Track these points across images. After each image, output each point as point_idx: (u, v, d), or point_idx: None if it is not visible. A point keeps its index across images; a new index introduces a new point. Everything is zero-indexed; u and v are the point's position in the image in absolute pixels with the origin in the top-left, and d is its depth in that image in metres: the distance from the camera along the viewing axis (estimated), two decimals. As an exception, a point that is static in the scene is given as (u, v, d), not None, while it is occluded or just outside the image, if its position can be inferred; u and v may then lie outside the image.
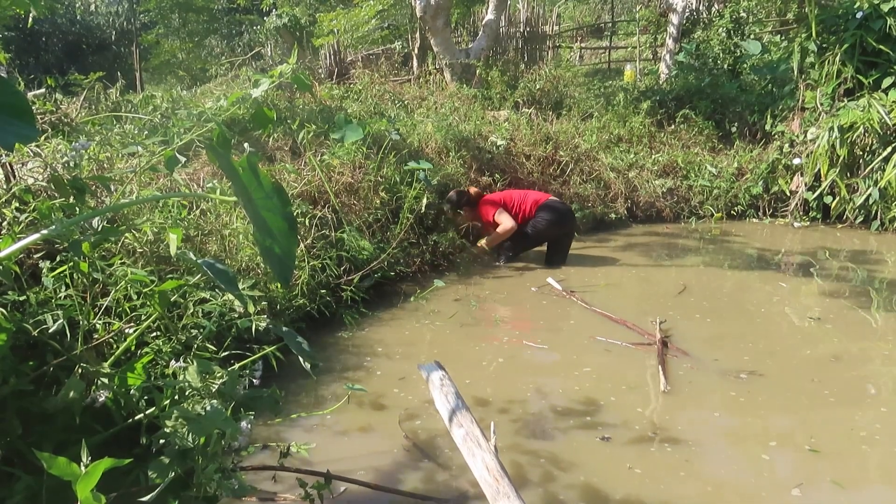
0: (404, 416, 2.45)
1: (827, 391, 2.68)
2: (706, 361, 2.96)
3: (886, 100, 5.92)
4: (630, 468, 2.10)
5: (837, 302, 3.87)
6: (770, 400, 2.60)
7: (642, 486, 2.01)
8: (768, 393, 2.66)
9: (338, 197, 4.07)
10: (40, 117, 3.51)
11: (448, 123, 5.91)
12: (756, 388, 2.70)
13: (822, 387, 2.72)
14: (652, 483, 2.03)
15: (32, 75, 10.58)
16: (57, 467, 1.10)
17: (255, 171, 1.21)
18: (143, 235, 2.50)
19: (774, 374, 2.83)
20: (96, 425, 1.68)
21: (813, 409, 2.56)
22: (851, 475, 2.08)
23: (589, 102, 7.90)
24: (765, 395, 2.64)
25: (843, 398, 2.63)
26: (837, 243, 5.59)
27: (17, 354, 1.66)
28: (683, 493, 1.99)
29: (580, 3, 18.88)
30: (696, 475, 2.08)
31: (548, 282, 4.19)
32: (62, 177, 1.77)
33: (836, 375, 2.84)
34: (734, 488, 2.02)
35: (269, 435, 2.28)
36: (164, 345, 2.08)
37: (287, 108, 5.32)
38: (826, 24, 6.56)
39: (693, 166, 6.86)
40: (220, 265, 1.49)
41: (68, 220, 1.33)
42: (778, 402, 2.60)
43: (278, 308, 3.04)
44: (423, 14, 8.15)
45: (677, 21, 9.86)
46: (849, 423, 2.41)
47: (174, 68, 18.64)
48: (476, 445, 1.35)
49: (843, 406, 2.57)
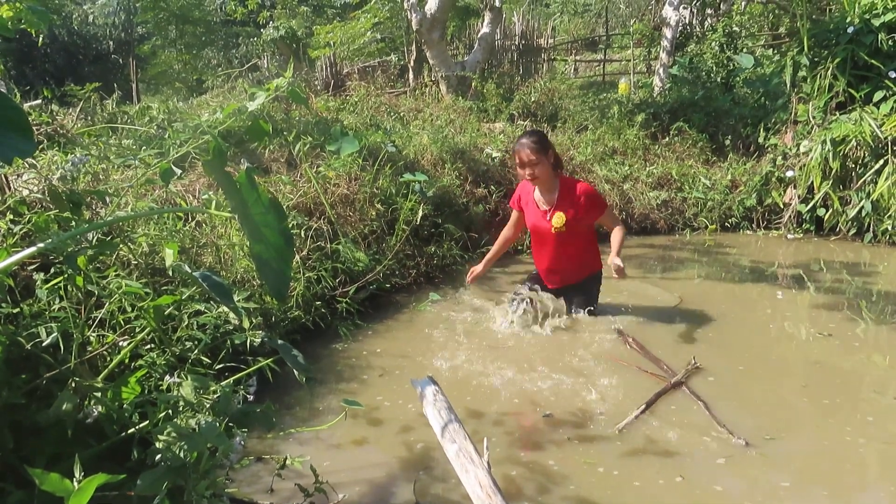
0: (401, 429, 2.44)
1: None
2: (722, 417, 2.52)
3: (878, 113, 5.98)
4: (626, 483, 2.10)
5: (840, 314, 3.88)
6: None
7: (638, 501, 2.00)
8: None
9: (334, 208, 4.08)
10: (36, 128, 3.51)
11: (444, 135, 5.94)
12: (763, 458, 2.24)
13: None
14: (650, 499, 2.02)
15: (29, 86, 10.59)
16: (49, 483, 1.09)
17: (253, 185, 1.22)
18: (138, 248, 2.50)
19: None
20: (89, 439, 1.67)
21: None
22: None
23: (584, 115, 7.96)
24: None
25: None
26: (831, 255, 5.61)
27: (10, 367, 1.65)
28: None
29: (575, 16, 19.05)
30: (690, 488, 2.07)
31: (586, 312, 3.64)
32: (58, 189, 1.77)
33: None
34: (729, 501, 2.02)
35: (263, 448, 2.26)
36: (159, 358, 2.08)
37: (283, 119, 5.34)
38: (818, 39, 6.64)
39: (687, 178, 6.90)
40: (215, 277, 1.49)
41: (64, 234, 1.33)
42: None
43: (273, 320, 3.03)
44: (419, 27, 8.21)
45: (671, 35, 9.96)
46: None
47: (171, 79, 18.69)
48: (469, 461, 1.34)
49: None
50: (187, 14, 17.63)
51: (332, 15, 15.79)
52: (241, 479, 2.05)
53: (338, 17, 14.92)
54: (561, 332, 3.52)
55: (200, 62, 18.68)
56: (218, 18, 18.71)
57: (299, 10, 15.04)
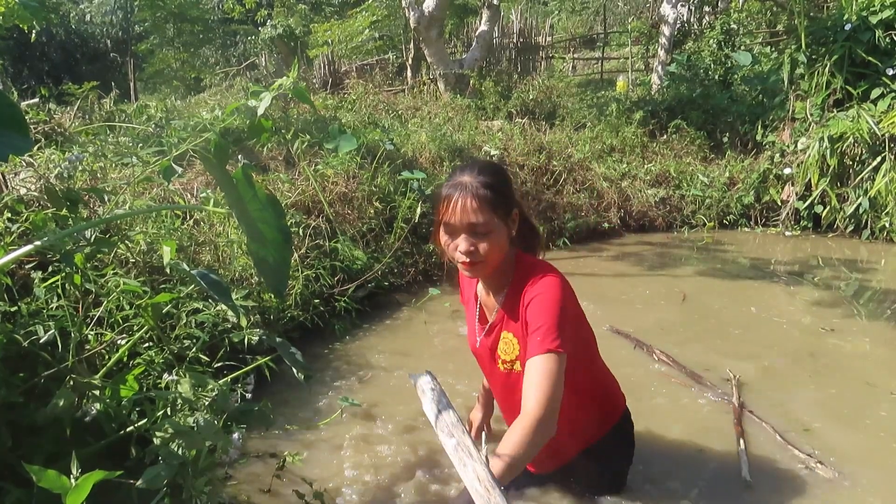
0: (400, 428, 2.44)
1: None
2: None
3: (875, 110, 5.99)
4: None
5: (846, 310, 3.89)
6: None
7: (636, 498, 2.01)
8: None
9: (332, 207, 4.08)
10: (33, 127, 3.50)
11: (442, 133, 5.94)
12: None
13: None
14: (647, 496, 2.02)
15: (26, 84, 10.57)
16: (47, 480, 1.09)
17: (251, 182, 1.22)
18: (136, 246, 2.50)
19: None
20: (87, 437, 1.67)
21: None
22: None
23: (582, 113, 7.95)
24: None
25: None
26: (829, 252, 5.62)
27: (8, 366, 1.65)
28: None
29: (573, 14, 19.04)
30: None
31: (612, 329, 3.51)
32: (55, 187, 1.77)
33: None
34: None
35: (263, 447, 2.26)
36: (157, 356, 2.07)
37: (281, 117, 5.33)
38: (815, 36, 6.64)
39: (685, 176, 6.90)
40: (213, 275, 1.49)
41: (61, 232, 1.33)
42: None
43: (272, 318, 3.03)
44: (417, 25, 8.20)
45: (669, 32, 9.96)
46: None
47: (168, 78, 18.65)
48: (467, 455, 1.34)
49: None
50: (185, 12, 17.60)
51: (330, 13, 15.77)
52: (240, 478, 2.05)
53: (336, 16, 14.90)
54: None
55: (198, 61, 18.66)
56: (216, 17, 18.69)
57: (297, 9, 15.02)
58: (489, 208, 1.60)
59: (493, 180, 1.63)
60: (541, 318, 1.58)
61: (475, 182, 1.61)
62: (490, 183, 1.62)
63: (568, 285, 1.68)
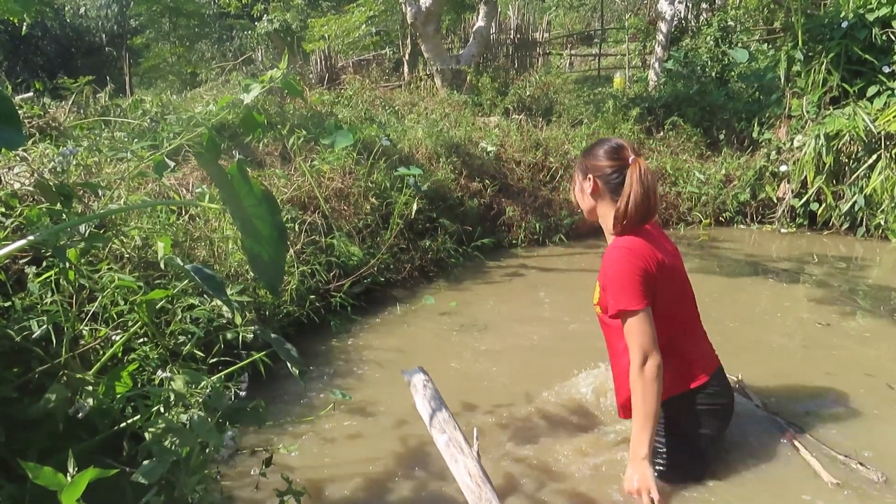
0: (393, 423, 2.44)
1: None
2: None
3: (871, 108, 6.00)
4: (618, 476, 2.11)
5: (838, 308, 3.91)
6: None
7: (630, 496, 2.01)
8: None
9: (328, 202, 4.07)
10: (28, 121, 3.48)
11: (438, 129, 5.93)
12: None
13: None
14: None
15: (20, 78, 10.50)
16: (42, 477, 1.09)
17: (246, 177, 1.21)
18: (130, 241, 2.49)
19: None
20: (81, 433, 1.66)
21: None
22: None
23: (578, 109, 7.94)
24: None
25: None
26: (825, 249, 5.64)
27: (1, 361, 1.64)
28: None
29: (570, 10, 19.02)
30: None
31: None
32: (49, 182, 1.76)
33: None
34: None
35: (257, 442, 2.26)
36: (151, 351, 2.07)
37: (277, 113, 5.32)
38: (812, 34, 6.64)
39: (681, 173, 6.91)
40: (208, 271, 1.49)
41: (55, 227, 1.32)
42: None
43: (267, 314, 3.03)
44: (414, 20, 8.18)
45: (666, 29, 9.95)
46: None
47: (164, 72, 18.56)
48: (458, 451, 1.35)
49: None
50: (181, 6, 17.50)
51: (327, 8, 15.70)
52: (233, 474, 2.05)
53: (332, 11, 14.84)
54: (562, 328, 3.53)
55: (194, 55, 18.56)
56: (212, 11, 18.59)
57: (294, 3, 14.96)
58: (577, 166, 2.21)
59: (589, 147, 2.20)
60: (611, 273, 1.93)
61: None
62: (586, 149, 2.20)
63: (632, 251, 1.93)
